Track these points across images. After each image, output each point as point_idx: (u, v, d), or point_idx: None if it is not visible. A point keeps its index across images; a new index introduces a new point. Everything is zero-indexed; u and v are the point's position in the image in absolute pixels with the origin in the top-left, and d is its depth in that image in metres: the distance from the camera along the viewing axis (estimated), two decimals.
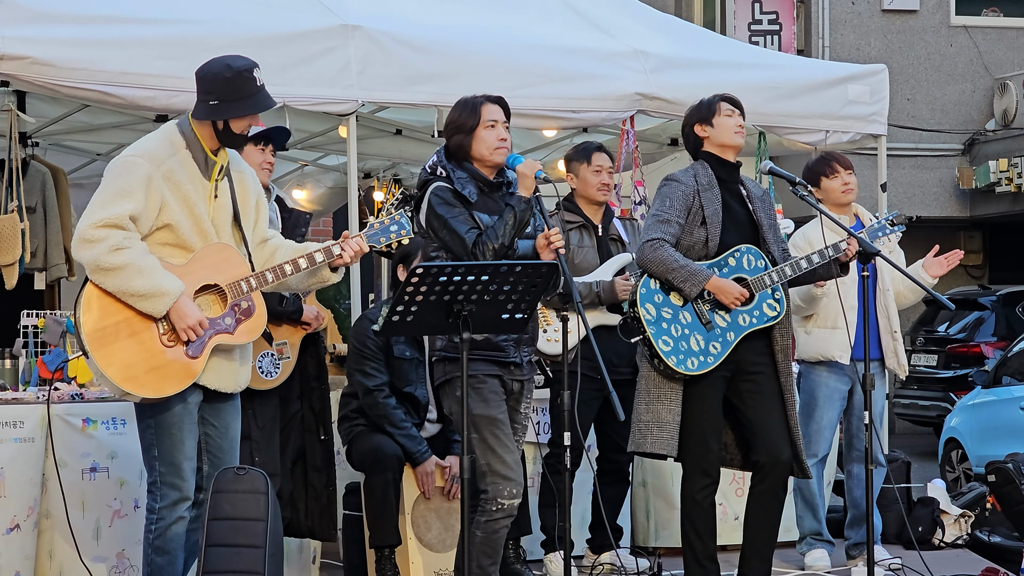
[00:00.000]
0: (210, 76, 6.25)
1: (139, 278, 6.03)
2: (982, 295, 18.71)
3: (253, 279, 6.27)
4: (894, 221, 7.99)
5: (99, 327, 6.07)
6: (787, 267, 7.38)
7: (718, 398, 7.34)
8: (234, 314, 6.25)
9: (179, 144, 6.25)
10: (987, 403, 14.33)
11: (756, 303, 7.34)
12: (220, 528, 6.25)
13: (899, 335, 8.75)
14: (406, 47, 8.86)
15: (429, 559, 7.96)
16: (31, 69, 7.88)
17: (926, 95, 21.20)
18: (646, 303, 7.24)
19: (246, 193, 6.45)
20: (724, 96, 7.51)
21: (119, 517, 7.33)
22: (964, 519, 9.69)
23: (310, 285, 6.54)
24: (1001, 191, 20.45)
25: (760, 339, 7.37)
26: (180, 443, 6.23)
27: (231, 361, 6.33)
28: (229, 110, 6.21)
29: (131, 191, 6.08)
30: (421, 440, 8.00)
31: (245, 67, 6.25)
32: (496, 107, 6.87)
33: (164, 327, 6.13)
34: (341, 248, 6.38)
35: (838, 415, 8.72)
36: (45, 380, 7.70)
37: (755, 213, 7.44)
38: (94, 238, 6.03)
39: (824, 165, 8.64)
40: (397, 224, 6.48)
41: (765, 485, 7.38)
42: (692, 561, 7.40)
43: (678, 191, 7.35)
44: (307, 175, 12.78)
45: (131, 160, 6.18)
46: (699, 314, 7.26)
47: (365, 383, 8.00)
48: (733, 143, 7.44)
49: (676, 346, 7.21)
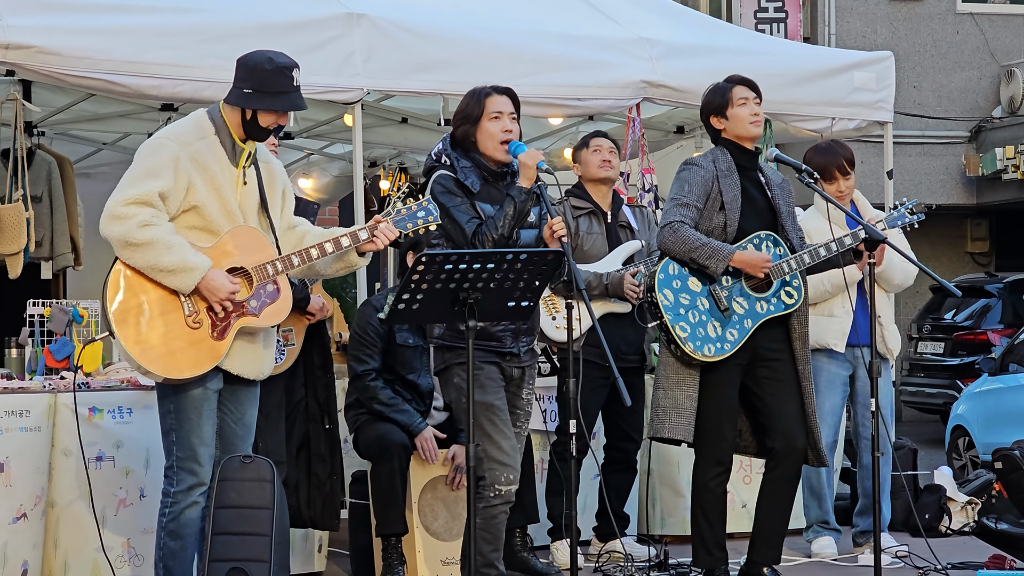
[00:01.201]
0: (250, 64, 6.31)
1: (168, 254, 6.07)
2: (989, 282, 18.68)
3: (279, 262, 6.29)
4: (913, 210, 7.96)
5: (125, 307, 6.11)
6: (806, 254, 7.36)
7: (735, 386, 7.34)
8: (259, 297, 6.28)
9: (208, 129, 6.30)
10: (994, 390, 14.31)
11: (774, 290, 7.33)
12: (226, 516, 6.26)
13: (887, 319, 8.68)
14: (411, 35, 8.85)
15: (435, 548, 7.96)
16: (36, 58, 7.87)
17: (932, 82, 21.16)
18: (664, 289, 7.23)
19: (273, 182, 6.49)
20: (737, 79, 7.48)
21: (124, 506, 7.32)
22: (971, 506, 9.68)
23: (337, 270, 6.54)
24: (1008, 178, 20.42)
25: (778, 326, 7.36)
26: (198, 428, 6.25)
27: (254, 346, 6.35)
28: (261, 102, 6.25)
29: (160, 170, 6.14)
30: (414, 413, 7.99)
31: (286, 64, 6.30)
32: (503, 98, 6.85)
33: (190, 308, 6.16)
34: (372, 234, 6.38)
35: (842, 401, 8.71)
36: (51, 369, 7.71)
37: (774, 200, 7.43)
38: (124, 215, 6.08)
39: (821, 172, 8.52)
40: (425, 210, 6.47)
41: (779, 472, 7.38)
42: (701, 548, 7.40)
43: (697, 176, 7.33)
44: (313, 164, 12.78)
45: (159, 142, 6.25)
46: (717, 301, 7.26)
47: (355, 368, 8.03)
48: (749, 134, 7.43)
49: (694, 332, 7.21)
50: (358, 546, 8.22)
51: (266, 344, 6.43)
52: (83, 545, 7.23)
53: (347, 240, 6.38)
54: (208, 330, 6.18)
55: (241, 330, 6.25)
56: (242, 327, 6.25)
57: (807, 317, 7.45)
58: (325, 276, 6.67)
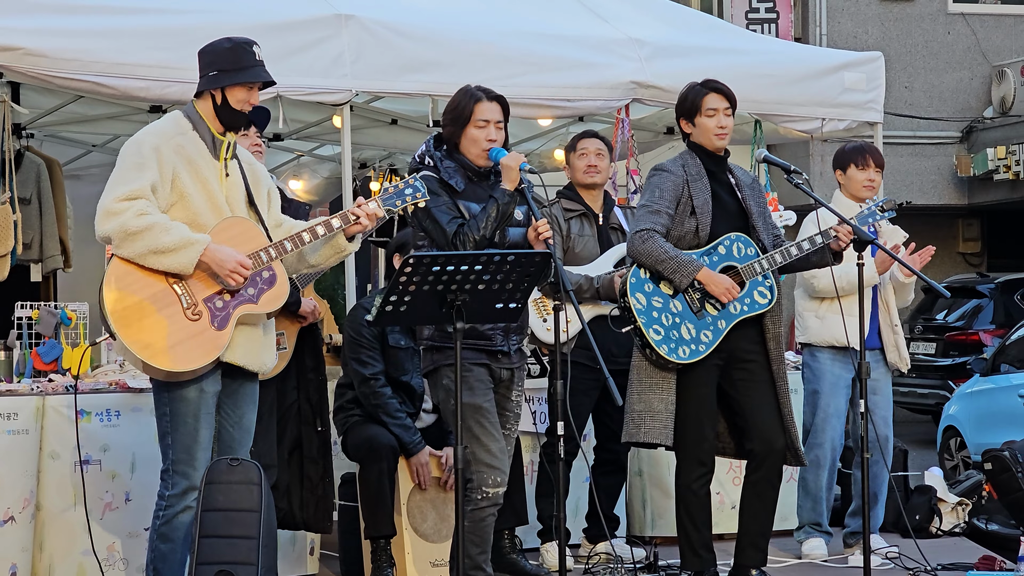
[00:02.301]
0: (210, 50, 6.40)
1: (166, 234, 6.09)
2: (980, 283, 18.69)
3: (272, 248, 6.32)
4: (884, 207, 7.95)
5: (123, 306, 6.11)
6: (777, 254, 7.37)
7: (712, 386, 7.33)
8: (256, 284, 6.30)
9: (186, 126, 6.35)
10: (985, 391, 14.32)
11: (747, 291, 7.33)
12: (213, 519, 6.24)
13: (899, 328, 8.72)
14: (400, 36, 8.84)
15: (424, 549, 7.95)
16: (24, 60, 7.87)
17: (924, 82, 21.17)
18: (636, 292, 7.23)
19: (259, 183, 6.52)
20: (712, 86, 7.44)
21: (110, 510, 7.31)
22: (961, 507, 9.68)
23: (327, 258, 6.54)
24: (999, 179, 20.43)
25: (752, 327, 7.36)
26: (195, 432, 6.26)
27: (255, 335, 6.36)
28: (228, 78, 6.31)
29: (145, 164, 6.18)
30: (415, 431, 7.99)
31: (245, 41, 6.40)
32: (493, 105, 6.84)
33: (187, 301, 6.17)
34: (355, 214, 6.39)
35: (845, 403, 8.71)
36: (39, 372, 7.69)
37: (744, 201, 7.43)
38: (119, 209, 6.11)
39: (858, 155, 8.63)
40: (412, 187, 6.49)
41: (760, 474, 7.37)
42: (688, 550, 7.39)
43: (667, 181, 7.34)
44: (303, 165, 12.77)
45: (140, 139, 6.30)
46: (689, 303, 7.26)
47: (361, 371, 7.99)
48: (713, 146, 7.41)
49: (667, 335, 7.20)
50: (347, 548, 8.21)
51: (266, 333, 6.45)
52: (69, 548, 7.22)
53: (338, 221, 6.41)
54: (208, 321, 6.20)
55: (241, 320, 6.26)
56: (242, 315, 6.26)
57: (780, 317, 7.45)
58: (316, 267, 6.66)
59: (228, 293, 6.23)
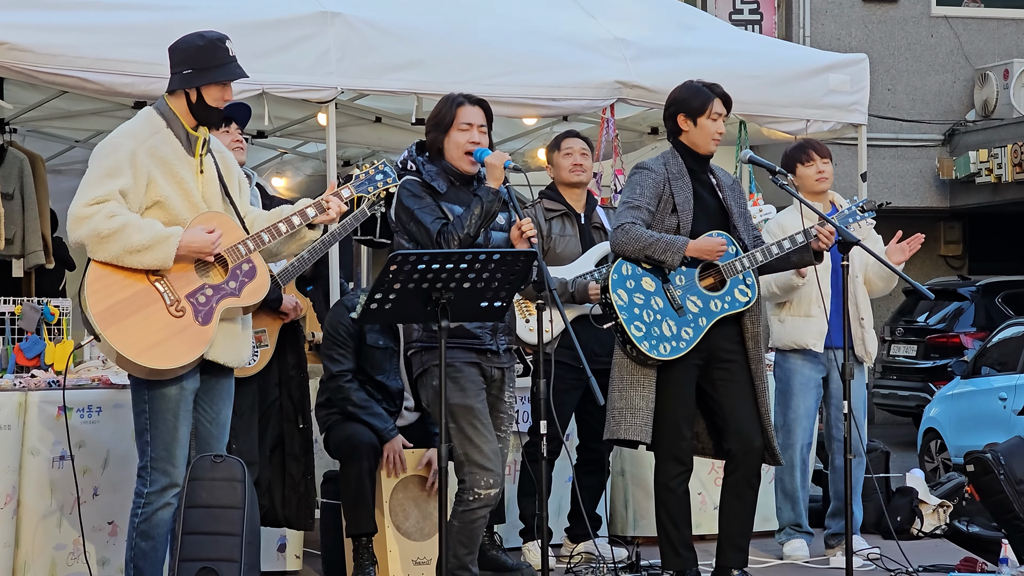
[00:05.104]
0: (183, 47, 6.35)
1: (139, 233, 6.07)
2: (962, 285, 18.73)
3: (250, 241, 6.32)
4: (864, 207, 7.98)
5: (106, 307, 6.10)
6: (758, 252, 7.39)
7: (692, 385, 7.34)
8: (237, 277, 6.30)
9: (159, 124, 6.31)
10: (966, 393, 14.36)
11: (728, 288, 7.34)
12: (196, 516, 6.24)
13: (868, 323, 8.73)
14: (385, 34, 8.83)
15: (407, 547, 7.94)
16: (8, 55, 7.85)
17: (907, 85, 21.21)
18: (618, 289, 7.24)
19: (230, 172, 6.51)
20: (719, 92, 7.44)
21: (80, 503, 7.27)
22: (943, 509, 9.69)
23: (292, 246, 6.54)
24: (981, 182, 20.46)
25: (731, 326, 7.38)
26: (174, 429, 6.25)
27: (233, 330, 6.35)
28: (203, 77, 6.27)
29: (118, 169, 6.14)
30: (387, 418, 7.96)
31: (217, 37, 6.35)
32: (476, 109, 6.85)
33: (170, 298, 6.16)
34: (326, 202, 6.40)
35: (815, 404, 8.72)
36: (21, 367, 7.67)
37: (725, 201, 7.45)
38: (89, 214, 6.09)
39: (801, 152, 8.66)
40: (382, 173, 6.54)
41: (739, 474, 7.38)
42: (668, 550, 7.39)
43: (648, 179, 7.35)
44: (286, 163, 12.76)
45: (114, 141, 6.25)
46: (671, 299, 7.26)
47: (330, 368, 8.00)
48: (708, 151, 7.44)
49: (648, 331, 7.20)
50: (330, 546, 8.20)
51: (244, 327, 6.45)
52: (44, 544, 7.21)
53: (313, 211, 6.42)
54: (192, 316, 6.19)
55: (222, 316, 6.25)
56: (225, 309, 6.25)
57: (759, 316, 7.46)
58: (279, 256, 6.66)
59: (210, 288, 6.23)
